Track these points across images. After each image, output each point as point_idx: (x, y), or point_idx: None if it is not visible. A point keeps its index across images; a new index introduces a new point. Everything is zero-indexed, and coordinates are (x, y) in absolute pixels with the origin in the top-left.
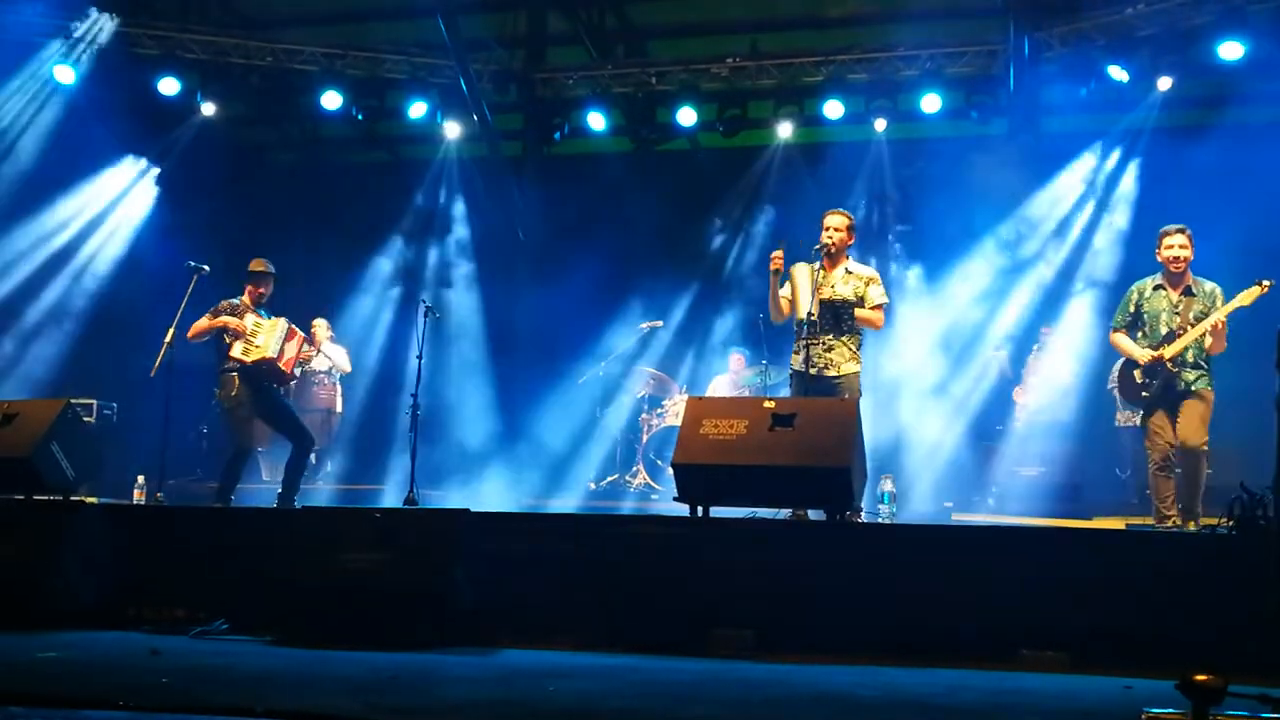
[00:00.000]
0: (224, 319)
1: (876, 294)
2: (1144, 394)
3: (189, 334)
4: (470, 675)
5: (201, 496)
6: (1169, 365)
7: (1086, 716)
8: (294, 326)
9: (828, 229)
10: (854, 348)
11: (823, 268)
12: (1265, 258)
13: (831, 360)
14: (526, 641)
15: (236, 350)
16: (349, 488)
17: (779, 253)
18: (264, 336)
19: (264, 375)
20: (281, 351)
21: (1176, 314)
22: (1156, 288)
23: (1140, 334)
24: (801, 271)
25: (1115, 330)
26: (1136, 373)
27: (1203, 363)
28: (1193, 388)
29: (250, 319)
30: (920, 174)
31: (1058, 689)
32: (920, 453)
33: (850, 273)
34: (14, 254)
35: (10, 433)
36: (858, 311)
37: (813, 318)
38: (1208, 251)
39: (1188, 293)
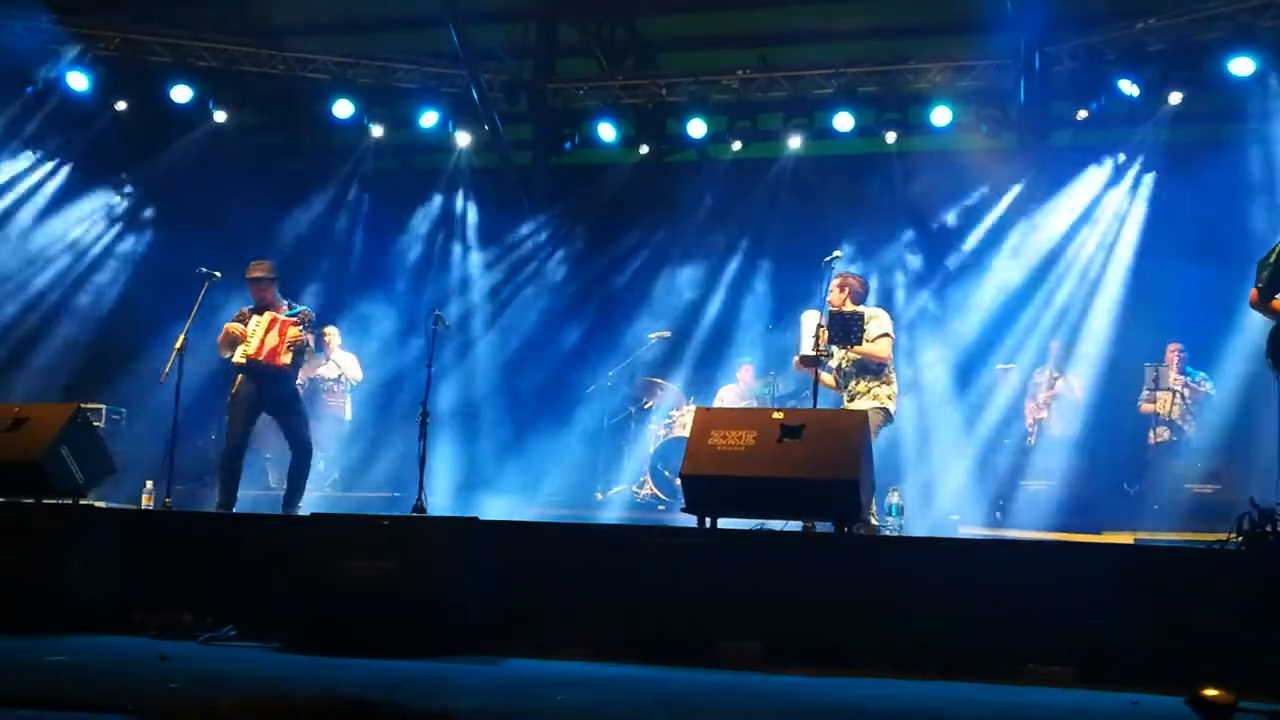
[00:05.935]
0: (228, 326)
1: (873, 329)
2: None
3: (220, 354)
4: (477, 684)
5: (210, 502)
6: None
7: None
8: (275, 315)
9: (830, 291)
10: (875, 385)
11: None
12: None
13: (848, 396)
14: (534, 651)
15: (236, 355)
16: (357, 495)
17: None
18: (255, 337)
19: (263, 372)
20: (261, 344)
21: None
22: None
23: None
24: (809, 319)
25: (1275, 296)
26: None
27: None
28: None
29: (253, 322)
30: (930, 187)
31: (1065, 704)
32: (928, 465)
33: None
34: (26, 259)
35: (20, 437)
36: (859, 348)
37: (817, 357)
38: (1217, 266)
39: None
